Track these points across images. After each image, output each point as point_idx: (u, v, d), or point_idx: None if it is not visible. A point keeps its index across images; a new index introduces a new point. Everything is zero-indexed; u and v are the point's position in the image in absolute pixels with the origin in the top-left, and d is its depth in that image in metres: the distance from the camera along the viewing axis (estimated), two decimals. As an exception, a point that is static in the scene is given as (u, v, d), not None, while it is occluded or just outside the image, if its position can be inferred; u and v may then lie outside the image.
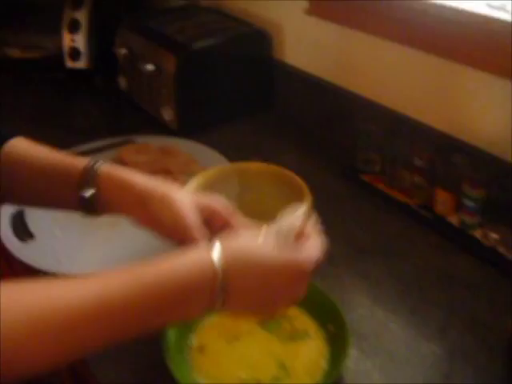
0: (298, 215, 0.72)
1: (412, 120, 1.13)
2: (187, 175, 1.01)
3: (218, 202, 0.76)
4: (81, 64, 1.61)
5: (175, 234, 0.71)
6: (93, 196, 0.72)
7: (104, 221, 1.10)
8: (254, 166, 1.02)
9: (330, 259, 0.98)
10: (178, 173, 1.20)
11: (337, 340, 0.80)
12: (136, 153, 1.29)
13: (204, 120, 1.41)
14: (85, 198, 0.73)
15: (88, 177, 0.73)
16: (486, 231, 1.00)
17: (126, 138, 1.37)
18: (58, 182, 0.74)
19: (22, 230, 1.04)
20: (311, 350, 0.81)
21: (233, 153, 1.24)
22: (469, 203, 1.00)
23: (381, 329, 0.86)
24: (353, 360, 0.80)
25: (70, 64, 1.61)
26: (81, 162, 0.74)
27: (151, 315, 0.54)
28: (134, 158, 1.27)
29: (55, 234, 1.05)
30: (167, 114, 1.38)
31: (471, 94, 1.05)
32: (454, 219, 1.05)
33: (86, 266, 0.97)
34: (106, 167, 0.74)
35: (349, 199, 1.16)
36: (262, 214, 1.01)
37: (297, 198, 0.93)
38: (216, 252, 0.59)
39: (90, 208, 0.74)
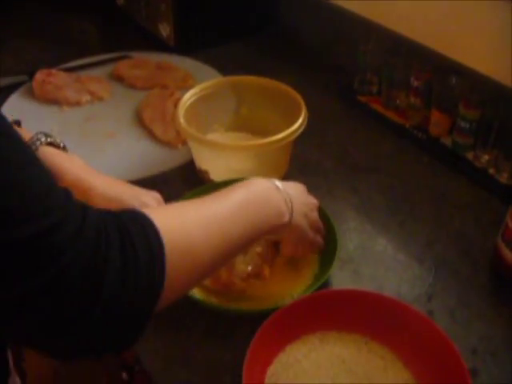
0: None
1: (410, 41, 1.12)
2: (184, 91, 1.01)
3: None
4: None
5: None
6: None
7: (99, 131, 1.12)
8: (250, 80, 1.02)
9: (323, 174, 1.01)
10: (174, 88, 1.20)
11: (327, 246, 0.83)
12: (133, 67, 1.28)
13: (202, 38, 1.39)
14: None
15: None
16: (477, 153, 1.01)
17: (122, 53, 1.36)
18: None
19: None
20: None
21: (230, 71, 1.24)
22: (463, 124, 1.00)
23: (369, 241, 0.88)
24: (340, 266, 0.83)
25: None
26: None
27: (260, 211, 0.66)
28: (131, 73, 1.26)
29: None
30: (164, 30, 1.36)
31: (471, 16, 1.03)
32: (447, 141, 1.06)
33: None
34: (43, 149, 0.77)
35: (345, 119, 1.16)
36: (258, 127, 1.03)
37: (292, 111, 0.94)
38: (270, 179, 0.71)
39: None
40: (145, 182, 0.91)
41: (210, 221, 0.59)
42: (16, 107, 1.18)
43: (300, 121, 0.90)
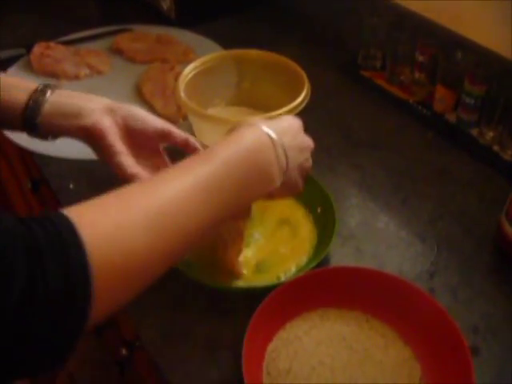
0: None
1: (415, 15, 1.10)
2: (184, 65, 0.99)
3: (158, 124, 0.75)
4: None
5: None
6: (38, 121, 0.70)
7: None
8: (252, 54, 1.01)
9: (325, 150, 1.00)
10: (175, 62, 1.18)
11: (325, 221, 0.82)
12: (133, 41, 1.26)
13: (203, 10, 1.36)
14: (30, 122, 0.70)
15: (37, 99, 0.70)
16: (482, 130, 1.00)
17: (122, 26, 1.34)
18: (6, 101, 0.70)
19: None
20: (303, 234, 0.83)
21: (232, 45, 1.21)
22: (468, 100, 0.99)
23: (371, 218, 0.87)
24: (341, 243, 0.83)
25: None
26: (32, 84, 0.71)
27: (241, 184, 0.56)
28: (131, 46, 1.24)
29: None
30: (165, 3, 1.34)
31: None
32: (451, 117, 1.05)
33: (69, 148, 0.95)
34: (55, 92, 0.71)
35: (348, 94, 1.15)
36: (260, 101, 1.01)
37: (295, 86, 0.92)
38: (261, 125, 0.60)
39: (35, 131, 0.72)
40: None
41: (162, 211, 0.49)
42: (14, 80, 1.17)
43: (302, 95, 0.89)
